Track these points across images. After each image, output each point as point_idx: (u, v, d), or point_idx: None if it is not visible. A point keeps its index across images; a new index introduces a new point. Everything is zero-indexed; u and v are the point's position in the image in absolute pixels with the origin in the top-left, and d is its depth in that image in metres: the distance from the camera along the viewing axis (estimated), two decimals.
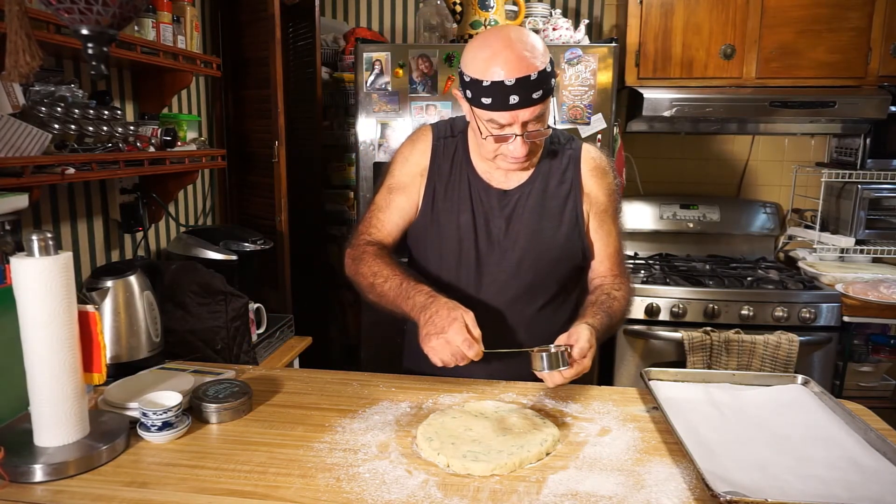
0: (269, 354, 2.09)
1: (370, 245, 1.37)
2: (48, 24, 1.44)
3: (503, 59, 1.18)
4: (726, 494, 0.88)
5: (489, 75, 1.18)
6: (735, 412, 1.20)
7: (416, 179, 1.41)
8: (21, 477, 0.97)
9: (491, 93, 1.19)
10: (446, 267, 1.39)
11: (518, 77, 1.17)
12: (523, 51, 1.18)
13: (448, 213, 1.38)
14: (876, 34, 2.52)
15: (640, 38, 2.62)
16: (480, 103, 1.21)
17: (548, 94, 1.22)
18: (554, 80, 1.24)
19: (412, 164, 1.41)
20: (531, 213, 1.36)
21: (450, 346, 1.12)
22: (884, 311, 2.33)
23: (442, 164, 1.40)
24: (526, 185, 1.37)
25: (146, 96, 2.13)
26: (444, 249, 1.38)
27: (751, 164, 3.04)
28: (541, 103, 1.21)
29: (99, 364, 1.10)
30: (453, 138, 1.42)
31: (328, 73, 2.97)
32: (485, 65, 1.19)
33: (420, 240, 1.43)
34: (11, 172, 1.38)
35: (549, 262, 1.37)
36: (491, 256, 1.36)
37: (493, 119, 1.23)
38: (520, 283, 1.36)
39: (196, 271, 1.81)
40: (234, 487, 0.96)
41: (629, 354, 2.47)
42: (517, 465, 1.01)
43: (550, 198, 1.37)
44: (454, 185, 1.39)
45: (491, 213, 1.37)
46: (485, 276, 1.37)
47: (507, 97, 1.18)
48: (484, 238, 1.36)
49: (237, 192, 2.77)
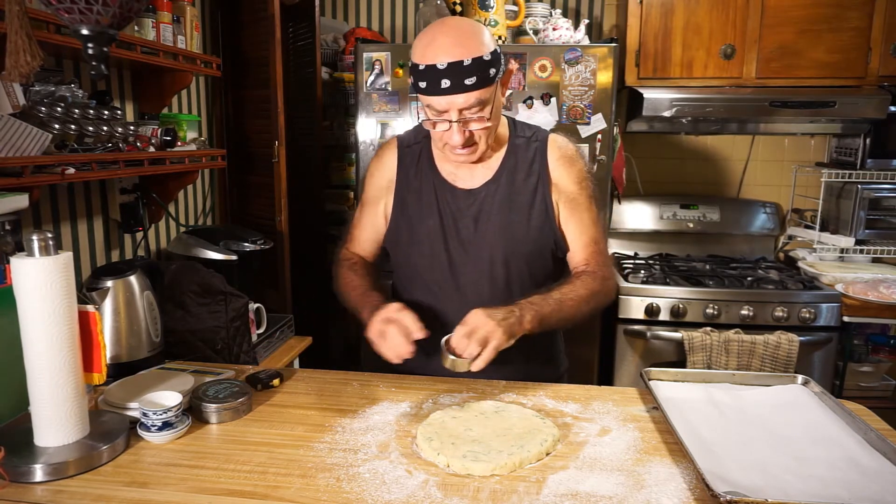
0: (269, 354, 2.09)
1: (347, 259, 1.48)
2: (48, 24, 1.44)
3: (438, 44, 1.20)
4: (726, 494, 0.88)
5: (424, 59, 1.20)
6: (735, 412, 1.20)
7: (384, 192, 1.44)
8: (21, 477, 0.97)
9: (425, 77, 1.21)
10: (422, 272, 1.40)
11: (450, 61, 1.18)
12: (459, 37, 1.20)
13: (417, 219, 1.39)
14: (876, 34, 2.52)
15: (640, 38, 2.62)
16: (418, 87, 1.23)
17: (485, 83, 1.21)
18: (495, 70, 1.23)
19: (379, 178, 1.45)
20: (499, 209, 1.35)
21: (391, 349, 1.18)
22: (884, 311, 2.33)
23: (408, 172, 1.42)
24: (492, 183, 1.37)
25: (146, 96, 2.13)
26: (418, 255, 1.40)
27: (751, 164, 3.04)
28: (476, 90, 1.20)
29: (99, 364, 1.10)
30: (417, 144, 1.43)
31: (328, 73, 2.97)
32: (422, 49, 1.21)
33: (395, 248, 1.45)
34: (11, 172, 1.38)
35: (522, 256, 1.37)
36: (463, 257, 1.37)
37: (431, 105, 1.24)
38: (495, 281, 1.36)
39: (196, 271, 1.81)
40: (234, 487, 0.96)
41: (629, 354, 2.47)
42: (517, 465, 1.01)
43: (518, 192, 1.36)
44: (420, 191, 1.40)
45: (458, 215, 1.37)
46: (460, 276, 1.37)
47: (439, 81, 1.19)
48: (454, 240, 1.37)
49: (237, 192, 2.77)
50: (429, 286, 1.40)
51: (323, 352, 2.82)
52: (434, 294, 1.39)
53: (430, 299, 1.39)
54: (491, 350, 1.13)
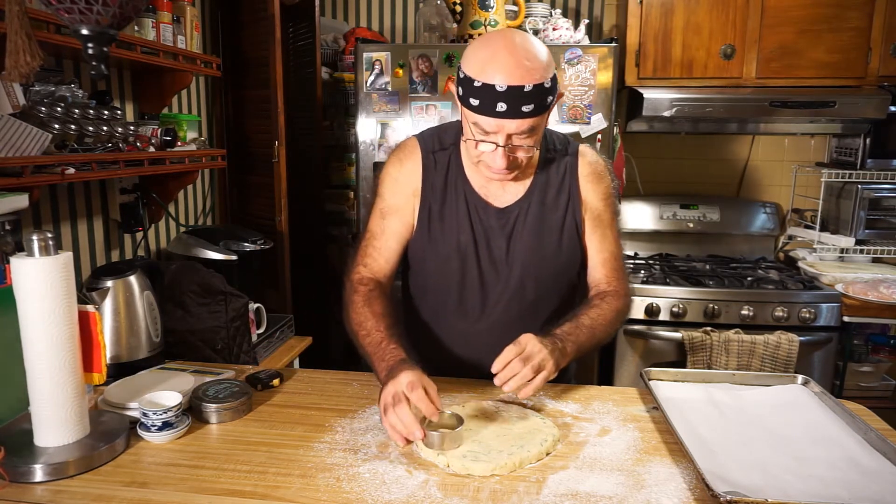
0: (269, 354, 2.09)
1: (362, 285, 1.32)
2: (48, 24, 1.44)
3: (499, 62, 1.12)
4: (726, 494, 0.88)
5: (482, 76, 1.13)
6: (735, 412, 1.20)
7: (409, 200, 1.34)
8: (21, 477, 0.97)
9: (480, 94, 1.13)
10: (449, 286, 1.35)
11: (511, 85, 1.11)
12: (523, 59, 1.12)
13: (447, 233, 1.33)
14: (876, 34, 2.52)
15: (640, 38, 2.62)
16: (469, 103, 1.16)
17: (541, 111, 1.15)
18: (552, 97, 1.17)
19: (403, 185, 1.35)
20: (531, 230, 1.32)
21: (394, 428, 1.05)
22: (884, 311, 2.33)
23: (435, 182, 1.34)
24: (523, 201, 1.33)
25: (146, 96, 2.13)
26: (446, 269, 1.34)
27: (751, 164, 3.04)
28: (531, 118, 1.14)
29: (99, 364, 1.10)
30: (444, 151, 1.35)
31: (328, 73, 2.97)
32: (480, 64, 1.14)
33: (418, 259, 1.38)
34: (11, 172, 1.38)
35: (551, 275, 1.34)
36: (494, 276, 1.33)
37: (478, 123, 1.17)
38: (524, 300, 1.34)
39: (196, 271, 1.81)
40: (234, 487, 0.96)
41: (629, 354, 2.47)
42: (517, 465, 1.01)
43: (549, 210, 1.33)
44: (451, 204, 1.33)
45: (491, 233, 1.33)
46: (489, 295, 1.34)
47: (494, 103, 1.13)
48: (486, 258, 1.33)
49: (237, 192, 2.77)
50: (451, 300, 1.35)
51: (323, 352, 2.82)
52: (460, 310, 1.35)
53: (454, 315, 1.36)
54: (542, 379, 1.10)
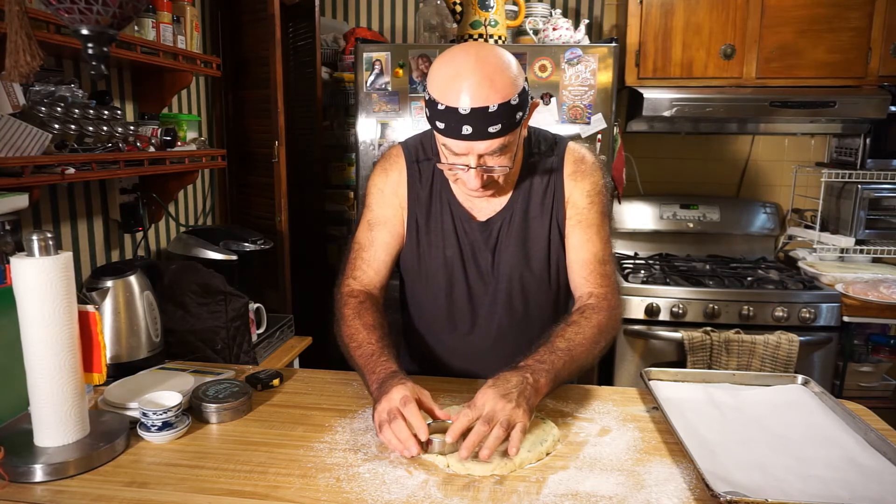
0: (269, 354, 2.09)
1: (352, 297, 1.29)
2: (48, 24, 1.44)
3: (462, 83, 1.07)
4: (726, 494, 0.88)
5: (445, 99, 1.08)
6: (735, 412, 1.20)
7: (397, 211, 1.33)
8: (21, 477, 0.97)
9: (444, 118, 1.09)
10: (438, 300, 1.34)
11: (474, 107, 1.06)
12: (486, 78, 1.07)
13: (434, 247, 1.32)
14: (876, 34, 2.52)
15: (640, 38, 2.62)
16: (435, 126, 1.12)
17: (510, 129, 1.10)
18: (522, 113, 1.12)
19: (389, 195, 1.33)
20: (515, 242, 1.29)
21: (391, 442, 1.02)
22: (884, 311, 2.33)
23: (420, 193, 1.32)
24: (505, 212, 1.29)
25: (146, 96, 2.13)
26: (434, 283, 1.33)
27: (751, 164, 3.04)
28: (499, 137, 1.10)
29: (99, 364, 1.10)
30: (429, 161, 1.32)
31: (328, 73, 2.97)
32: (444, 85, 1.09)
33: (409, 271, 1.38)
34: (11, 172, 1.38)
35: (540, 284, 1.32)
36: (482, 289, 1.32)
37: (447, 145, 1.13)
38: (514, 312, 1.33)
39: (196, 271, 1.80)
40: (234, 487, 0.96)
41: (629, 354, 2.47)
42: (517, 465, 1.01)
43: (534, 219, 1.29)
44: (436, 217, 1.31)
45: (477, 247, 1.31)
46: (479, 308, 1.34)
47: (460, 126, 1.08)
48: (474, 272, 1.32)
49: (237, 192, 2.77)
50: (442, 313, 1.35)
51: (323, 352, 2.82)
52: (450, 325, 1.34)
53: (445, 329, 1.35)
54: (519, 433, 0.99)
